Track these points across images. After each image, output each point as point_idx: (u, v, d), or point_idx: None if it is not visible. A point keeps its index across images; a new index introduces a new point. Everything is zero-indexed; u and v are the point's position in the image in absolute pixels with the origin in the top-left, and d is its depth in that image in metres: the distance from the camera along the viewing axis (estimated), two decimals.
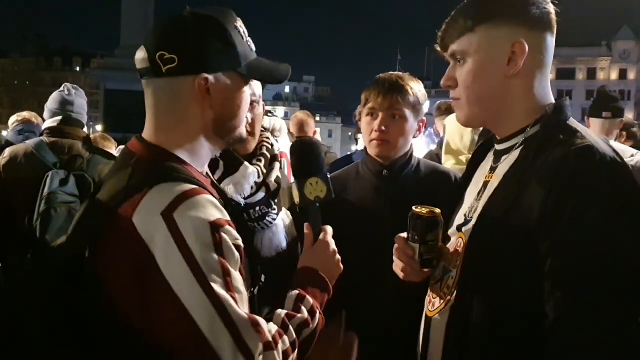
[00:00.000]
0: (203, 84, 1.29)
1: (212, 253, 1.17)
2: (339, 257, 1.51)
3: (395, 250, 1.59)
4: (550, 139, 1.29)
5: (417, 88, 2.11)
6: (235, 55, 1.33)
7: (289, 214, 2.05)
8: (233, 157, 1.87)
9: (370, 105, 2.10)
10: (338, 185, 1.62)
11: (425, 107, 2.19)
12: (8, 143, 4.21)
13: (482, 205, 1.40)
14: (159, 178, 1.23)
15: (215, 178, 1.82)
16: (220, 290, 1.15)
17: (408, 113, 2.08)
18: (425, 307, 1.55)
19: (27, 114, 4.94)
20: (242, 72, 1.35)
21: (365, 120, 2.13)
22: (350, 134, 77.00)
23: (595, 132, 3.63)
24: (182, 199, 1.19)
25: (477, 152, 1.63)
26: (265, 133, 2.10)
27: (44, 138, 3.20)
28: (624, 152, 3.31)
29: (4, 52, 74.20)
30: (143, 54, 1.32)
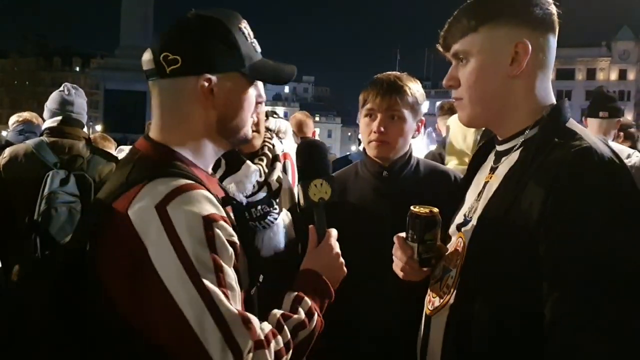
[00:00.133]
0: (206, 85, 1.31)
1: (204, 247, 1.17)
2: (343, 260, 1.51)
3: (394, 250, 1.60)
4: (549, 141, 1.30)
5: (415, 88, 2.11)
6: (239, 57, 1.34)
7: (289, 215, 2.05)
8: (235, 155, 1.87)
9: (369, 106, 2.09)
10: (337, 186, 1.63)
11: (424, 107, 2.19)
12: (8, 143, 4.21)
13: (482, 206, 1.41)
14: (156, 173, 1.24)
15: (217, 176, 1.83)
16: (211, 285, 1.15)
17: (407, 113, 2.07)
18: (425, 306, 1.56)
19: (27, 114, 4.95)
20: (245, 73, 1.35)
21: (364, 121, 2.13)
22: (350, 134, 77.05)
23: (593, 131, 3.64)
24: (176, 193, 1.20)
25: (478, 152, 1.64)
26: (267, 133, 2.11)
27: (44, 138, 3.20)
28: (621, 151, 3.32)
29: (4, 52, 74.20)
30: (149, 56, 1.34)
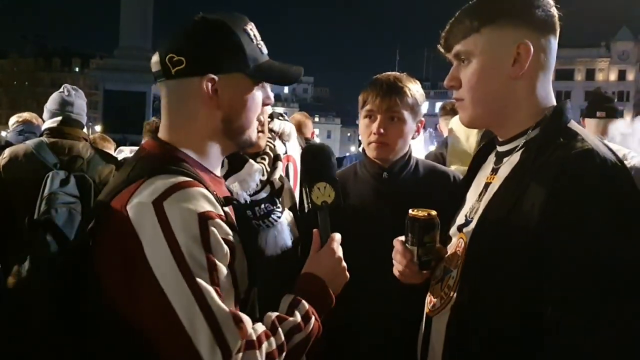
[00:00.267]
0: (210, 85, 1.32)
1: (198, 244, 1.18)
2: (345, 265, 1.50)
3: (394, 253, 1.60)
4: (550, 142, 1.30)
5: (415, 89, 2.10)
6: (243, 57, 1.35)
7: (291, 214, 2.06)
8: (238, 154, 1.88)
9: (368, 108, 2.09)
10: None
11: (424, 107, 2.19)
12: (8, 143, 4.21)
13: (483, 206, 1.41)
14: (157, 170, 1.26)
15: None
16: (203, 282, 1.15)
17: (406, 115, 2.07)
18: (426, 307, 1.56)
19: (27, 115, 4.95)
20: (249, 73, 1.36)
21: (364, 122, 2.12)
22: (349, 135, 77.05)
23: (590, 132, 3.67)
24: (174, 189, 1.20)
25: (478, 153, 1.64)
26: (269, 134, 2.12)
27: (44, 138, 3.20)
28: (618, 152, 3.33)
29: (3, 52, 74.28)
30: (156, 58, 1.36)
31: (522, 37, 1.35)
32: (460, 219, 1.52)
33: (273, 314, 1.31)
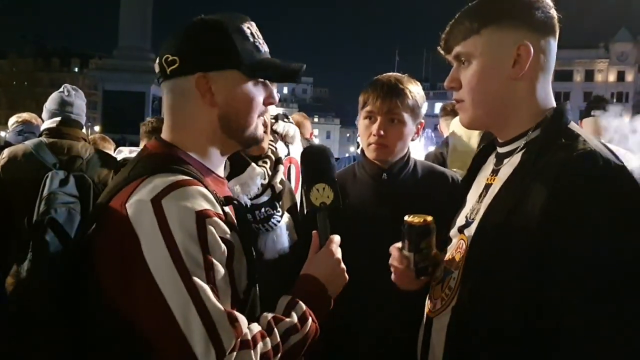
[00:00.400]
0: (203, 83, 1.32)
1: (194, 242, 1.18)
2: (344, 267, 1.50)
3: (391, 260, 1.60)
4: (551, 143, 1.30)
5: (415, 91, 2.10)
6: (235, 54, 1.34)
7: (290, 218, 2.06)
8: (240, 157, 1.88)
9: (369, 109, 2.09)
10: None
11: (423, 109, 2.20)
12: (7, 144, 4.21)
13: (484, 208, 1.41)
14: (157, 169, 1.26)
15: None
16: (199, 280, 1.16)
17: (406, 117, 2.07)
18: (426, 308, 1.56)
19: (26, 115, 4.95)
20: (244, 71, 1.36)
21: (363, 124, 2.12)
22: (349, 135, 77.00)
23: (587, 131, 3.74)
24: (173, 188, 1.21)
25: (478, 154, 1.64)
26: (271, 136, 2.12)
27: (43, 139, 3.20)
28: (616, 152, 3.37)
29: (2, 52, 74.22)
30: (157, 59, 1.38)
31: (522, 38, 1.35)
32: (461, 220, 1.52)
33: (269, 315, 1.31)
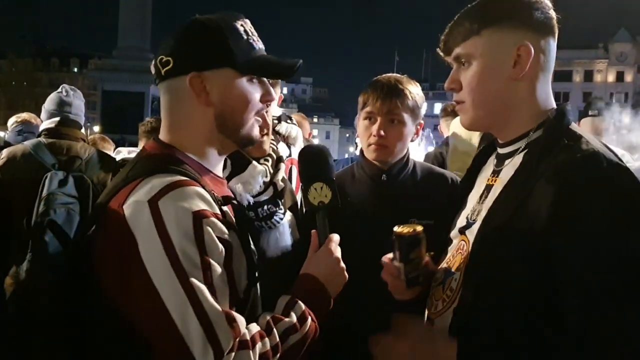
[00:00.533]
0: (197, 82, 1.32)
1: (191, 242, 1.18)
2: (344, 265, 1.49)
3: (383, 273, 1.59)
4: (553, 144, 1.30)
5: (415, 91, 2.10)
6: (229, 52, 1.34)
7: (292, 216, 2.06)
8: (241, 156, 1.88)
9: (369, 109, 2.09)
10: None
11: (423, 109, 2.20)
12: (7, 144, 4.21)
13: (485, 209, 1.40)
14: (154, 170, 1.26)
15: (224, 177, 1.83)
16: (196, 281, 1.16)
17: (406, 117, 2.07)
18: (427, 309, 1.55)
19: (26, 115, 4.95)
20: (238, 69, 1.35)
21: (363, 124, 2.12)
22: (348, 135, 76.98)
23: (585, 131, 3.77)
24: (170, 188, 1.21)
25: (479, 155, 1.64)
26: (273, 136, 2.12)
27: (42, 139, 3.19)
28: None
29: (1, 52, 74.09)
30: (153, 61, 1.38)
31: (522, 38, 1.35)
32: (462, 221, 1.51)
33: (268, 315, 1.31)
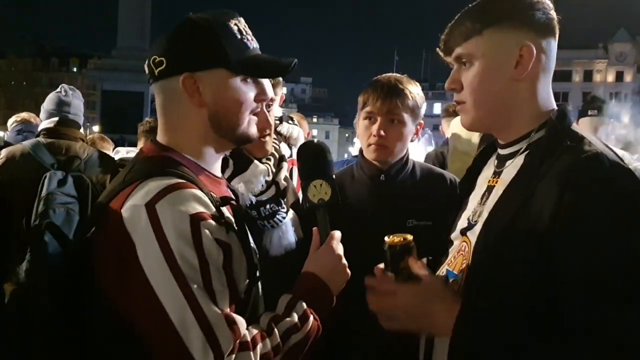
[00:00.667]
0: (189, 83, 1.31)
1: (189, 245, 1.18)
2: (345, 263, 1.48)
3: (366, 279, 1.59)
4: (556, 145, 1.30)
5: (415, 91, 2.10)
6: (221, 52, 1.33)
7: (295, 214, 2.06)
8: (242, 155, 1.88)
9: (369, 109, 2.09)
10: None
11: (423, 109, 2.19)
12: (7, 144, 4.21)
13: (487, 210, 1.40)
14: (151, 172, 1.26)
15: (225, 176, 1.83)
16: (194, 284, 1.16)
17: (406, 117, 2.07)
18: None
19: (26, 115, 4.95)
20: (231, 69, 1.34)
21: (363, 124, 2.12)
22: (348, 135, 76.99)
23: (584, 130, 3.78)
24: (167, 191, 1.21)
25: (479, 155, 1.63)
26: (275, 137, 2.12)
27: (41, 139, 3.19)
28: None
29: (1, 52, 73.99)
30: (147, 61, 1.36)
31: (523, 39, 1.35)
32: (463, 223, 1.50)
33: (269, 315, 1.31)
